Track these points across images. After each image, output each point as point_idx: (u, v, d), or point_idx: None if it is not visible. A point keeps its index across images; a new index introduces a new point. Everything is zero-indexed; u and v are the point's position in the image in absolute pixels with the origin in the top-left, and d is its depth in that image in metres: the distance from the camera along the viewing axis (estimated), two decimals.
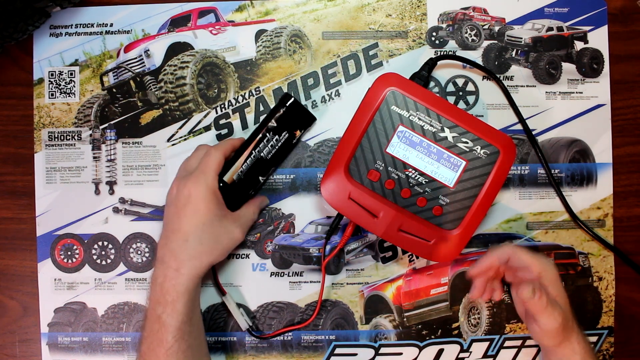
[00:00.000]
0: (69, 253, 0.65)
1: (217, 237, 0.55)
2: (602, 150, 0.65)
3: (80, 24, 0.65)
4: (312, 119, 0.62)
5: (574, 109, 0.65)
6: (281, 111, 0.60)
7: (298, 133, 0.61)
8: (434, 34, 0.65)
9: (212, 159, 0.56)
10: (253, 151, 0.60)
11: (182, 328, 0.52)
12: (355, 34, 0.65)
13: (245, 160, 0.60)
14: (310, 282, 0.64)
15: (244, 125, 0.64)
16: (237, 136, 0.64)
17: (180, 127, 0.65)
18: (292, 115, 0.61)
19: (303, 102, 0.64)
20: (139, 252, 0.64)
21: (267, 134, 0.60)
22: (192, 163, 0.57)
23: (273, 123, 0.60)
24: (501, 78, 0.65)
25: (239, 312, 0.63)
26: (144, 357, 0.53)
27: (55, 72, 0.65)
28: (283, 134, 0.60)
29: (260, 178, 0.61)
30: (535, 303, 0.51)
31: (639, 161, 0.65)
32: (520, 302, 0.58)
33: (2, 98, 0.65)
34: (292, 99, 0.61)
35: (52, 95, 0.65)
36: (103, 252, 0.65)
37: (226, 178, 0.59)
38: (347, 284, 0.64)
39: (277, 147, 0.60)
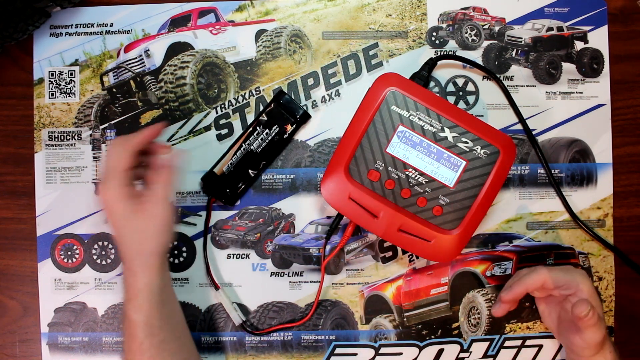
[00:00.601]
0: (69, 253, 0.65)
1: (145, 226, 0.53)
2: (602, 150, 0.65)
3: (80, 24, 0.65)
4: (305, 115, 0.62)
5: (574, 109, 0.65)
6: (272, 105, 0.61)
7: (289, 128, 0.61)
8: (434, 34, 0.65)
9: (112, 158, 0.53)
10: (243, 144, 0.61)
11: (151, 322, 0.52)
12: (355, 34, 0.65)
13: (235, 153, 0.61)
14: (310, 282, 0.64)
15: (244, 125, 0.64)
16: (236, 135, 0.64)
17: (180, 127, 0.65)
18: (284, 110, 0.61)
19: (303, 102, 0.64)
20: None
21: (258, 128, 0.61)
22: (102, 166, 0.56)
23: (263, 117, 0.61)
24: (501, 78, 0.65)
25: (232, 307, 0.63)
26: (123, 355, 0.54)
27: (55, 72, 0.65)
28: (273, 128, 0.61)
29: (250, 172, 0.61)
30: (589, 319, 0.52)
31: (639, 161, 0.65)
32: (553, 317, 0.59)
33: (2, 98, 0.65)
34: (285, 94, 0.61)
35: (52, 95, 0.65)
36: (103, 252, 0.65)
37: (216, 169, 0.60)
38: (347, 284, 0.64)
39: (267, 141, 0.61)
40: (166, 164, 0.55)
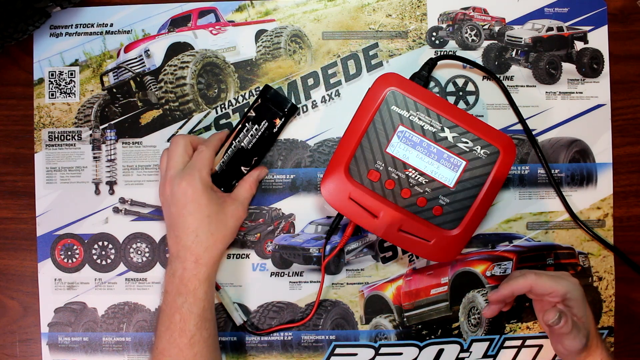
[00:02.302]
0: (69, 253, 0.65)
1: (224, 223, 0.56)
2: (602, 150, 0.65)
3: (80, 24, 0.65)
4: (293, 108, 0.62)
5: (574, 109, 0.65)
6: (259, 100, 0.61)
7: (278, 122, 0.61)
8: (434, 34, 0.65)
9: (204, 155, 0.57)
10: (233, 141, 0.61)
11: (204, 316, 0.54)
12: (355, 34, 0.65)
13: (227, 151, 0.61)
14: (310, 282, 0.64)
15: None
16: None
17: (180, 127, 0.65)
18: (271, 104, 0.61)
19: (303, 102, 0.64)
20: (139, 252, 0.64)
21: (247, 124, 0.61)
22: (177, 160, 0.57)
23: (252, 113, 0.61)
24: (501, 78, 0.65)
25: (233, 307, 0.63)
26: (164, 353, 0.53)
27: (55, 72, 0.65)
28: (262, 123, 0.61)
29: (242, 168, 0.61)
30: (560, 327, 0.53)
31: (639, 161, 0.65)
32: (544, 322, 0.59)
33: (2, 98, 0.65)
34: (270, 88, 0.62)
35: (52, 95, 0.65)
36: (103, 252, 0.65)
37: None
38: (347, 284, 0.64)
39: (257, 137, 0.61)
40: (254, 173, 0.61)
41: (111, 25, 0.65)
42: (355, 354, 0.64)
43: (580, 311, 0.55)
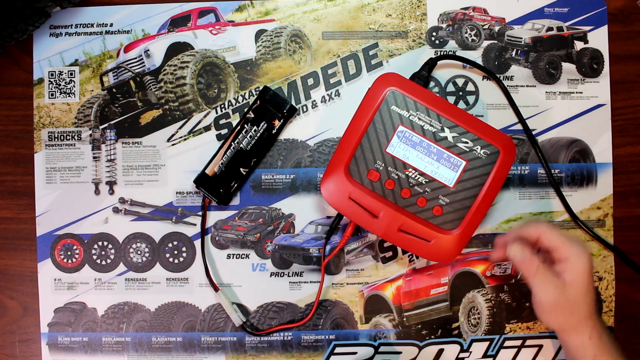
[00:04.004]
0: (69, 253, 0.65)
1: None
2: (602, 150, 0.65)
3: (80, 24, 0.65)
4: (292, 109, 0.62)
5: (574, 109, 0.65)
6: (258, 102, 0.61)
7: (277, 123, 0.62)
8: (434, 34, 0.65)
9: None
10: (232, 143, 0.61)
11: None
12: (355, 34, 0.65)
13: (225, 152, 0.61)
14: (310, 282, 0.64)
15: None
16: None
17: (180, 127, 0.65)
18: (270, 106, 0.62)
19: (303, 102, 0.64)
20: (139, 252, 0.64)
21: (246, 125, 0.61)
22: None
23: (250, 114, 0.62)
24: (501, 78, 0.65)
25: (233, 308, 0.63)
26: None
27: (55, 72, 0.65)
28: (261, 125, 0.61)
29: (242, 170, 0.61)
30: (525, 266, 0.51)
31: (639, 161, 0.65)
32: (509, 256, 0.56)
33: (2, 98, 0.65)
34: (269, 90, 0.62)
35: (52, 95, 0.65)
36: (103, 252, 0.65)
37: (208, 171, 0.61)
38: (347, 284, 0.64)
39: (256, 138, 0.61)
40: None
41: (111, 25, 0.65)
42: (354, 353, 0.64)
43: (579, 282, 0.51)
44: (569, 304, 0.52)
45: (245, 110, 0.63)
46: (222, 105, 0.65)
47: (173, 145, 0.64)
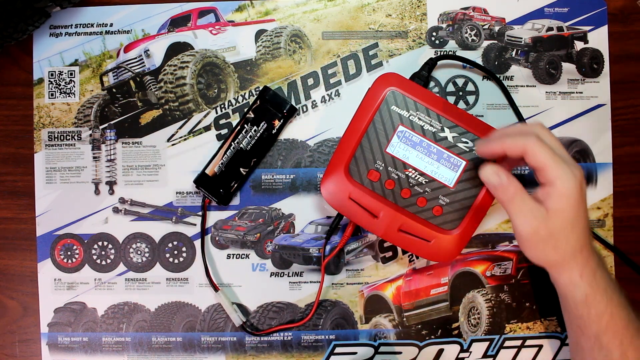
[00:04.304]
0: (69, 253, 0.65)
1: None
2: (602, 150, 0.65)
3: (80, 24, 0.65)
4: (292, 109, 0.62)
5: (574, 109, 0.65)
6: (258, 102, 0.61)
7: (277, 123, 0.62)
8: (434, 34, 0.65)
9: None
10: (232, 143, 0.61)
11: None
12: (355, 34, 0.65)
13: (225, 152, 0.61)
14: (310, 282, 0.64)
15: None
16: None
17: (180, 127, 0.65)
18: (270, 106, 0.62)
19: (303, 102, 0.64)
20: (139, 252, 0.64)
21: (245, 125, 0.61)
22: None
23: (250, 114, 0.62)
24: (501, 78, 0.65)
25: (233, 308, 0.63)
26: None
27: (55, 72, 0.65)
28: (261, 125, 0.61)
29: (242, 170, 0.61)
30: (500, 191, 0.46)
31: (639, 161, 0.65)
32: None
33: (2, 98, 0.65)
34: (269, 90, 0.62)
35: (52, 95, 0.65)
36: (103, 252, 0.65)
37: (208, 171, 0.61)
38: (347, 284, 0.64)
39: (256, 138, 0.61)
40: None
41: (111, 25, 0.65)
42: (354, 353, 0.64)
43: (562, 210, 0.46)
44: (552, 236, 0.46)
45: (245, 110, 0.63)
46: (222, 105, 0.65)
47: (173, 145, 0.64)
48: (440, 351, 0.64)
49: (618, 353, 0.47)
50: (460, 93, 0.65)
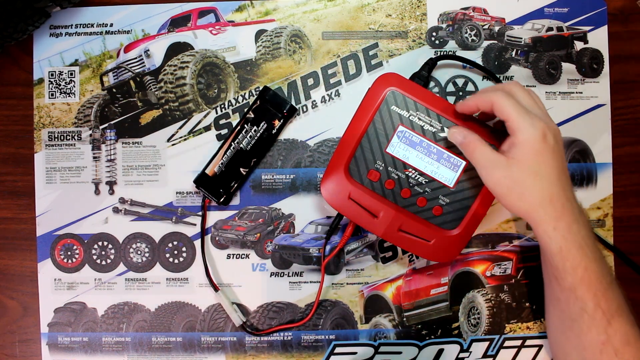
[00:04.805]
0: (69, 253, 0.65)
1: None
2: (602, 150, 0.65)
3: (80, 24, 0.65)
4: (292, 109, 0.62)
5: (573, 109, 0.65)
6: (258, 102, 0.61)
7: (277, 123, 0.62)
8: (434, 34, 0.65)
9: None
10: (232, 143, 0.61)
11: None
12: (355, 34, 0.65)
13: (225, 152, 0.61)
14: (310, 282, 0.64)
15: None
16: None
17: (180, 127, 0.65)
18: (270, 106, 0.62)
19: (303, 102, 0.64)
20: (139, 252, 0.64)
21: (246, 125, 0.61)
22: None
23: (250, 114, 0.62)
24: (501, 78, 0.65)
25: (232, 308, 0.63)
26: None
27: (55, 72, 0.65)
28: (261, 125, 0.61)
29: (242, 170, 0.61)
30: (464, 146, 0.50)
31: (639, 161, 0.65)
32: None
33: (2, 98, 0.65)
34: (269, 90, 0.62)
35: (52, 95, 0.65)
36: (103, 252, 0.65)
37: (208, 170, 0.61)
38: (347, 284, 0.64)
39: (256, 138, 0.61)
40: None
41: (111, 25, 0.65)
42: (354, 353, 0.64)
43: (525, 163, 0.47)
44: (517, 185, 0.48)
45: (245, 110, 0.63)
46: (222, 105, 0.65)
47: (173, 145, 0.64)
48: (440, 351, 0.64)
49: (592, 304, 0.48)
50: (460, 93, 0.65)
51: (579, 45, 0.65)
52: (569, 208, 0.48)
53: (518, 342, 0.64)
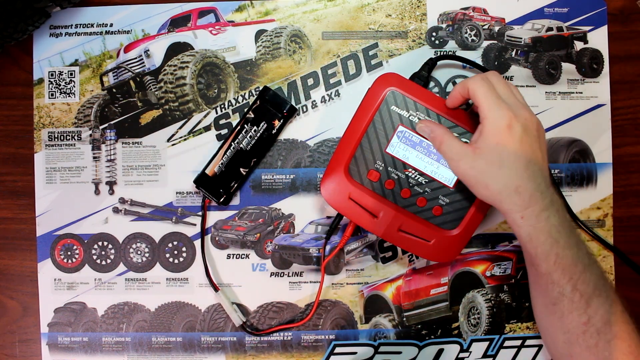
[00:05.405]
0: (69, 253, 0.65)
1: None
2: (602, 150, 0.65)
3: (80, 24, 0.65)
4: (292, 109, 0.62)
5: (573, 109, 0.65)
6: (258, 102, 0.61)
7: (277, 123, 0.62)
8: (434, 34, 0.65)
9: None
10: (232, 143, 0.61)
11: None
12: (355, 34, 0.65)
13: (225, 152, 0.61)
14: (310, 282, 0.64)
15: None
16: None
17: (180, 127, 0.65)
18: (270, 106, 0.62)
19: (303, 102, 0.64)
20: (139, 252, 0.64)
21: (245, 125, 0.61)
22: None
23: (250, 114, 0.62)
24: None
25: (232, 308, 0.63)
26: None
27: (55, 72, 0.65)
28: (261, 125, 0.61)
29: (242, 170, 0.61)
30: (432, 138, 0.52)
31: (639, 161, 0.65)
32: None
33: (2, 98, 0.65)
34: (269, 90, 0.62)
35: (52, 95, 0.65)
36: (103, 252, 0.65)
37: (208, 170, 0.61)
38: (347, 284, 0.64)
39: (255, 138, 0.61)
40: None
41: (111, 25, 0.65)
42: (354, 353, 0.64)
43: (491, 149, 0.48)
44: (483, 175, 0.48)
45: (245, 110, 0.63)
46: (222, 105, 0.65)
47: (173, 145, 0.64)
48: (440, 351, 0.64)
49: (569, 288, 0.49)
50: None
51: (579, 45, 0.65)
52: (537, 197, 0.48)
53: (518, 342, 0.64)
